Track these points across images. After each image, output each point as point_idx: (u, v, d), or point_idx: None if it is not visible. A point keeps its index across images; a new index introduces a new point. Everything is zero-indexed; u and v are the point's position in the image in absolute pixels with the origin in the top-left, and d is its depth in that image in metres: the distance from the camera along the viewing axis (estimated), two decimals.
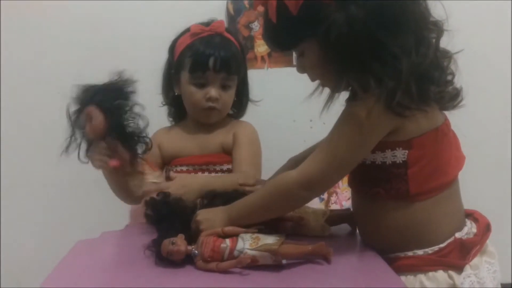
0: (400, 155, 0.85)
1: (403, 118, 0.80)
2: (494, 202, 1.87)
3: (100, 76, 1.76)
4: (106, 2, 1.80)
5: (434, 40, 0.83)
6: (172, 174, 1.13)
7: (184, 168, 1.21)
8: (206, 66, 1.15)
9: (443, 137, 0.88)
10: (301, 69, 0.92)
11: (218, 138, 1.23)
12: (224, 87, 1.19)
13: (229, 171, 1.22)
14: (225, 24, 1.62)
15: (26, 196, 1.89)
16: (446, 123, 0.90)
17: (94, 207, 1.85)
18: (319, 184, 0.85)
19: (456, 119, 0.92)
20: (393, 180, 0.86)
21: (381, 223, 0.89)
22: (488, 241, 0.92)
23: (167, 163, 1.26)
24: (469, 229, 0.92)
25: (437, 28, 0.84)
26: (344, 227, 1.02)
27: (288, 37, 0.86)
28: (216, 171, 1.21)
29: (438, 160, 0.86)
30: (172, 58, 1.25)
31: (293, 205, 0.91)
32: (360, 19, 0.77)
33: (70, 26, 1.82)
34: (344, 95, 0.90)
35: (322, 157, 0.84)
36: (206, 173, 1.20)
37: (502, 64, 1.84)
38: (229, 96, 1.21)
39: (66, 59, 1.82)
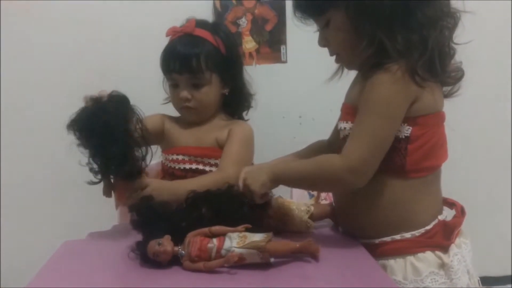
0: (404, 130, 0.88)
1: (421, 89, 0.85)
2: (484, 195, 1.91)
3: (96, 75, 1.78)
4: (98, 2, 1.79)
5: (449, 31, 0.88)
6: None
7: (180, 157, 1.21)
8: (169, 68, 1.19)
9: (442, 122, 0.94)
10: (324, 41, 0.96)
11: (214, 132, 1.24)
12: (195, 85, 1.20)
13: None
14: (213, 21, 1.62)
15: (13, 195, 1.87)
16: (444, 112, 0.95)
17: (81, 207, 1.83)
18: (368, 167, 0.85)
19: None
20: (392, 154, 0.88)
21: (371, 199, 0.90)
22: None
23: (164, 148, 1.28)
24: (447, 212, 0.97)
25: (453, 19, 0.88)
26: (326, 222, 1.04)
27: (318, 2, 0.91)
28: (211, 165, 1.21)
29: (434, 142, 0.90)
30: None
31: (338, 188, 0.91)
32: None
33: (66, 26, 1.81)
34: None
35: (363, 140, 0.85)
36: (201, 165, 1.21)
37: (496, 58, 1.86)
38: (204, 94, 1.20)
39: (65, 59, 1.82)
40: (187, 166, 1.20)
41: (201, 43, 1.19)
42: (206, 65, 1.18)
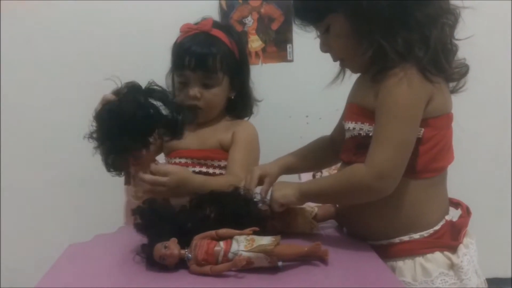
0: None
1: (434, 88, 0.85)
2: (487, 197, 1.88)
3: (97, 76, 1.77)
4: (104, 1, 1.79)
5: (449, 28, 0.88)
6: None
7: (183, 161, 1.21)
8: (183, 65, 1.18)
9: (450, 124, 0.94)
10: (325, 46, 0.96)
11: (217, 134, 1.24)
12: (206, 85, 1.19)
13: (226, 167, 1.22)
14: (219, 20, 1.61)
15: (19, 197, 1.87)
16: (452, 114, 0.94)
17: (87, 209, 1.84)
18: (395, 172, 0.85)
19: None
20: None
21: (381, 201, 0.89)
22: None
23: (167, 153, 1.27)
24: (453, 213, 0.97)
25: (454, 16, 0.88)
26: (331, 223, 1.04)
27: (317, 8, 0.91)
28: (214, 167, 1.20)
29: (443, 143, 0.91)
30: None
31: (368, 197, 0.89)
32: None
33: (67, 26, 1.81)
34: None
35: (387, 145, 0.84)
36: (204, 168, 1.20)
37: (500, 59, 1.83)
38: (213, 94, 1.20)
39: (65, 60, 1.81)
40: (191, 169, 1.19)
41: (218, 43, 1.19)
42: (221, 66, 1.18)
